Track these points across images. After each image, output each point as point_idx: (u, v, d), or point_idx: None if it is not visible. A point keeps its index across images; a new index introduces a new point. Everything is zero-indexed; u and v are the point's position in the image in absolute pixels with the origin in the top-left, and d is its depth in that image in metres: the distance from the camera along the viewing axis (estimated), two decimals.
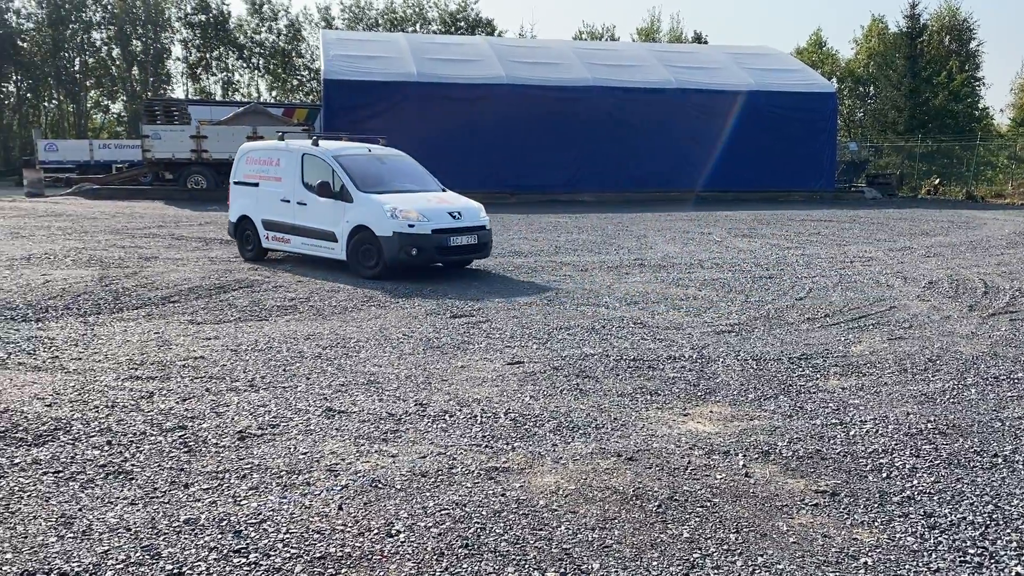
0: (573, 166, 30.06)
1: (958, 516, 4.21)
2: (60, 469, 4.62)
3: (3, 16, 56.53)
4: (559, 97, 29.82)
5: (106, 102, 64.31)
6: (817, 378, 6.78)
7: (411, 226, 11.40)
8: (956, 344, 8.01)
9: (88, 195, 28.19)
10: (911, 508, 4.29)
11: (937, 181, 37.02)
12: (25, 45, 58.04)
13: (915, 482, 4.63)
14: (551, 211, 24.48)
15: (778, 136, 31.27)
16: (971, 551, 3.85)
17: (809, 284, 11.52)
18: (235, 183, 14.04)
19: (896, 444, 5.22)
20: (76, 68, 60.91)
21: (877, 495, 4.44)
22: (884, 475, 4.72)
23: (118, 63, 61.78)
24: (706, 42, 56.67)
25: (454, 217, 11.83)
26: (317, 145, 12.84)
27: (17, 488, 4.36)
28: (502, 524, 4.04)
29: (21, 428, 5.24)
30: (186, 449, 4.96)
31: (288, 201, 12.80)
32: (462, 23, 63.74)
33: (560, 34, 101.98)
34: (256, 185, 13.49)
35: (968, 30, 50.29)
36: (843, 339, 8.21)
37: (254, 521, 4.01)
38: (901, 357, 7.47)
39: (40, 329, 8.11)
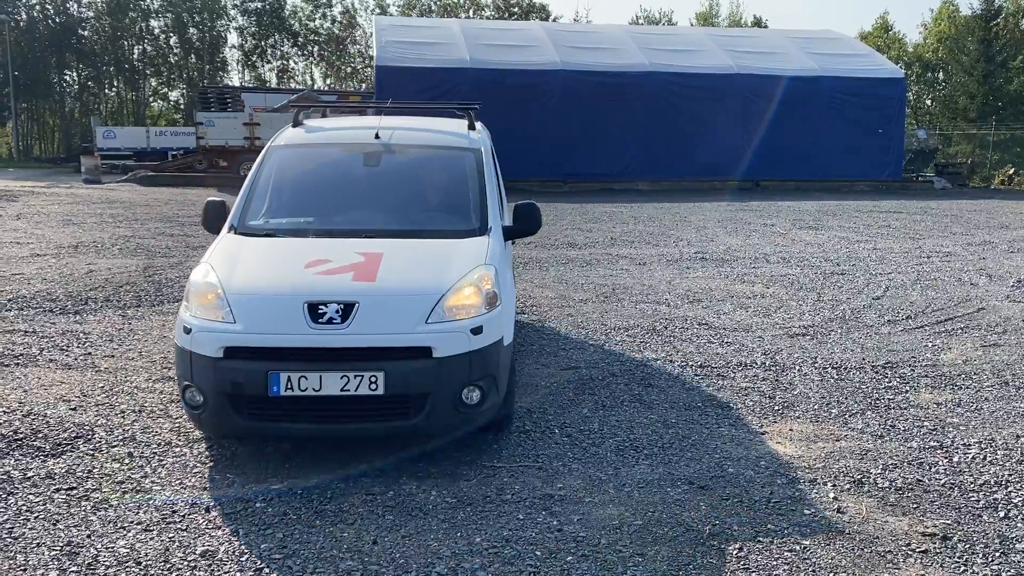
0: (629, 153, 29.21)
1: None
2: (74, 485, 4.23)
3: (64, 5, 57.55)
4: (615, 83, 28.96)
5: (164, 90, 65.26)
6: (907, 391, 6.10)
7: (187, 331, 4.47)
8: None
9: (143, 182, 28.33)
10: None
11: (1011, 171, 35.30)
12: (86, 34, 59.04)
13: None
14: (606, 200, 23.77)
15: (843, 123, 29.99)
16: None
17: (885, 281, 10.73)
18: None
19: (1009, 475, 4.56)
20: (135, 56, 61.82)
21: (997, 541, 3.81)
22: (1002, 514, 4.08)
23: (176, 51, 62.58)
24: (766, 26, 55.08)
25: (319, 317, 4.29)
26: (300, 125, 6.33)
27: (25, 508, 3.98)
28: (559, 568, 3.51)
29: (41, 435, 4.88)
30: (212, 464, 4.54)
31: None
32: (516, 8, 63.01)
33: (616, 19, 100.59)
34: None
35: None
36: (930, 345, 7.48)
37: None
38: (999, 368, 6.74)
39: (76, 322, 7.81)
